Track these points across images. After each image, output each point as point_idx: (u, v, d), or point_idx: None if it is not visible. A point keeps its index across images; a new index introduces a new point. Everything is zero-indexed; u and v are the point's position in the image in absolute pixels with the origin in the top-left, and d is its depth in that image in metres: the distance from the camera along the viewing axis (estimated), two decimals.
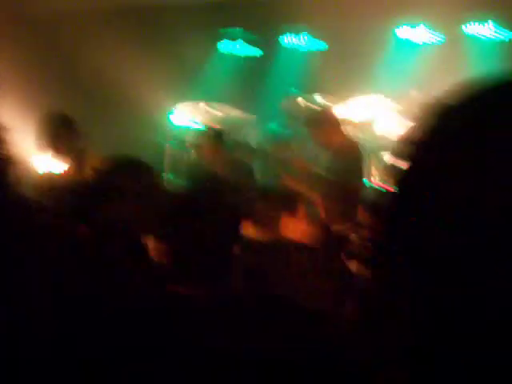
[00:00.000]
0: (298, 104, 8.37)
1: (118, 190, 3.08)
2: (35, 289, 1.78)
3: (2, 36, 8.48)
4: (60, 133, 6.09)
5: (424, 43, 9.53)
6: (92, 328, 2.10)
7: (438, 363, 0.77)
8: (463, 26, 9.17)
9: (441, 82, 7.38)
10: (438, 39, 9.39)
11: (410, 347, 0.81)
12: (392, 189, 0.82)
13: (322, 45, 10.02)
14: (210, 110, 8.11)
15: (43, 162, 6.28)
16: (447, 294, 0.75)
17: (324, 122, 6.48)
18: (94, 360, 1.98)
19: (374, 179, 7.71)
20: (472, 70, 7.60)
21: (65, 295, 2.16)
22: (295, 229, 3.91)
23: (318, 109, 7.67)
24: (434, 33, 9.42)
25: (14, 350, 1.72)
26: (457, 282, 0.75)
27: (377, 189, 7.09)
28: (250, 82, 9.89)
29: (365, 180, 7.62)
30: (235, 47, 10.39)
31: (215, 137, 7.10)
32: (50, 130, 6.11)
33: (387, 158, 7.56)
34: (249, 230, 4.26)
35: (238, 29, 10.27)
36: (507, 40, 8.84)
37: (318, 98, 8.48)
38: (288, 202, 3.98)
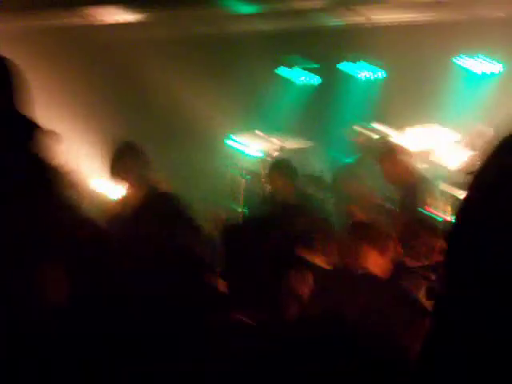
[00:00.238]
0: (363, 134, 8.35)
1: None
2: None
3: (77, 63, 8.59)
4: (127, 161, 6.04)
5: (483, 73, 9.52)
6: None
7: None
8: None
9: (502, 113, 7.40)
10: (498, 69, 9.38)
11: None
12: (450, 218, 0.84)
13: (382, 73, 10.03)
14: (284, 147, 8.16)
15: (105, 187, 6.33)
16: None
17: (395, 156, 6.46)
18: None
19: (431, 208, 7.66)
20: None
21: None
22: (379, 264, 3.94)
23: (388, 142, 7.64)
24: (492, 62, 9.42)
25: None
26: None
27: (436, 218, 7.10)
28: (310, 111, 9.94)
29: (421, 209, 7.65)
30: (295, 74, 10.43)
31: (288, 171, 7.09)
32: (119, 158, 6.07)
33: (445, 187, 7.56)
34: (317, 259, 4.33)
35: (297, 56, 10.31)
36: None
37: (381, 127, 8.46)
38: (379, 239, 3.99)
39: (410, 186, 5.98)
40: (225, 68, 9.65)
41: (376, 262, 3.90)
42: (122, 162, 6.10)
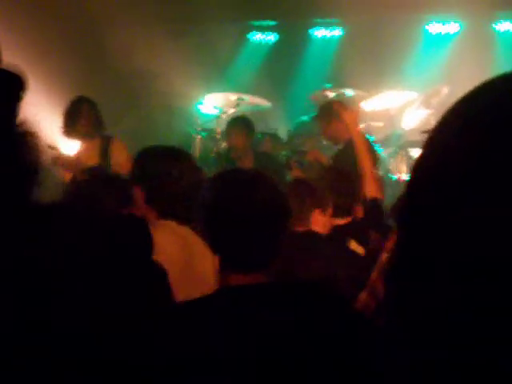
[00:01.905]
0: (327, 97, 8.33)
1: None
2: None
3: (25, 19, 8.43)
4: (83, 116, 6.08)
5: (440, 33, 9.59)
6: None
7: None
8: (495, 24, 9.20)
9: (470, 77, 7.39)
10: (455, 29, 9.48)
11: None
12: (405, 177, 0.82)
13: (339, 32, 10.08)
14: (241, 101, 8.09)
15: (70, 148, 6.31)
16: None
17: (329, 115, 6.35)
18: None
19: (401, 175, 7.67)
20: (502, 67, 7.56)
21: None
22: (321, 223, 3.95)
23: (329, 101, 7.60)
24: (450, 22, 9.51)
25: None
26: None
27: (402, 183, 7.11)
28: (281, 75, 9.94)
29: (392, 175, 7.65)
30: (266, 39, 10.42)
31: (245, 128, 7.07)
32: (73, 113, 6.11)
33: (415, 153, 7.56)
34: None
35: (269, 21, 10.29)
36: None
37: (348, 91, 8.44)
38: (321, 201, 3.99)
39: (346, 144, 5.87)
40: (193, 31, 9.64)
41: (318, 221, 3.91)
42: (78, 117, 6.16)
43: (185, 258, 3.01)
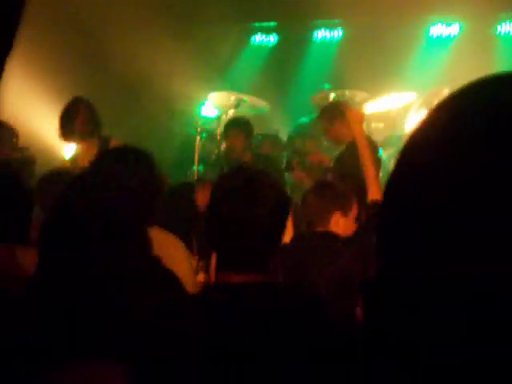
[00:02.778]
0: (327, 99, 8.33)
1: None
2: None
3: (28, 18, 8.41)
4: (79, 116, 5.97)
5: (441, 35, 9.59)
6: None
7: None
8: (496, 26, 9.20)
9: (471, 79, 7.38)
10: (455, 31, 9.48)
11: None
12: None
13: (339, 33, 10.06)
14: (241, 102, 8.09)
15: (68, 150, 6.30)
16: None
17: (333, 115, 6.34)
18: None
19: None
20: (503, 68, 7.55)
21: None
22: (342, 225, 3.95)
23: (332, 101, 7.60)
24: (450, 24, 9.52)
25: None
26: None
27: None
28: (282, 76, 9.95)
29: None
30: (268, 41, 10.43)
31: (244, 129, 7.06)
32: (69, 114, 6.00)
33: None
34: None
35: (271, 23, 10.29)
36: None
37: (349, 93, 8.43)
38: (343, 203, 3.98)
39: (349, 145, 5.86)
40: (187, 27, 9.63)
41: (339, 223, 3.91)
42: (73, 118, 6.12)
43: None
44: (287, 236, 4.04)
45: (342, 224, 3.91)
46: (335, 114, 6.14)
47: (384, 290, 0.75)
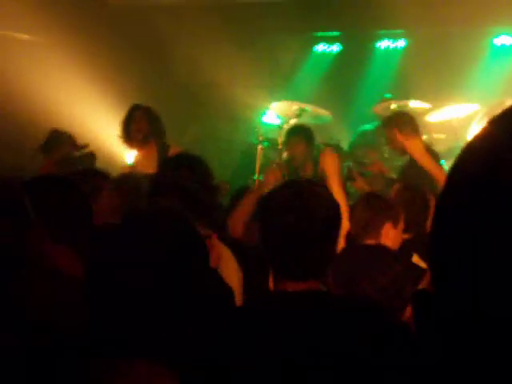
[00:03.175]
0: (389, 109, 8.29)
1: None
2: None
3: (95, 27, 8.60)
4: (135, 122, 6.16)
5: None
6: None
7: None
8: None
9: None
10: None
11: None
12: None
13: (402, 43, 10.01)
14: (303, 111, 8.09)
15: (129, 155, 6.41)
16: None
17: (398, 124, 6.30)
18: None
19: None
20: None
21: None
22: (392, 237, 3.96)
23: (396, 111, 7.55)
24: None
25: None
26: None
27: None
28: (345, 86, 9.94)
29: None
30: (329, 50, 10.43)
31: (305, 136, 7.07)
32: (126, 121, 6.22)
33: None
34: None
35: (334, 32, 10.29)
36: None
37: (412, 103, 8.38)
38: (393, 215, 4.00)
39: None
40: (249, 36, 9.70)
41: (388, 234, 3.92)
42: (129, 123, 6.26)
43: None
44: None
45: (391, 235, 3.92)
46: (400, 124, 6.12)
47: (438, 303, 0.77)
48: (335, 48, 10.35)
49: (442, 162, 7.27)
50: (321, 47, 10.37)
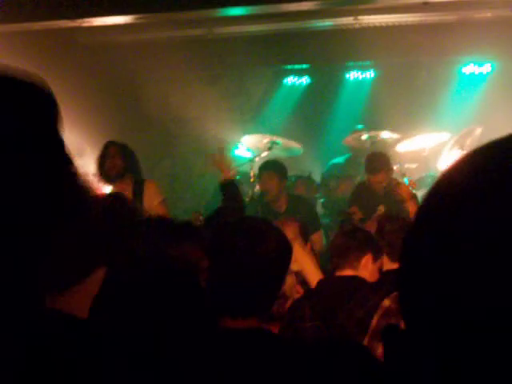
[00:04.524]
0: (360, 140, 8.35)
1: None
2: None
3: (65, 65, 8.57)
4: (109, 158, 6.17)
5: (473, 73, 9.61)
6: None
7: None
8: None
9: (503, 117, 7.39)
10: (487, 69, 9.51)
11: None
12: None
13: (371, 74, 10.12)
14: (274, 144, 8.11)
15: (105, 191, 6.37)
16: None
17: (380, 169, 6.60)
18: None
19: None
20: None
21: None
22: (371, 270, 3.96)
23: (374, 154, 7.66)
24: (482, 63, 9.56)
25: None
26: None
27: None
28: (315, 118, 9.99)
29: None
30: (300, 83, 10.49)
31: (278, 171, 7.10)
32: (100, 158, 6.22)
33: None
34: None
35: (303, 65, 10.36)
36: None
37: (382, 134, 8.44)
38: (375, 249, 3.99)
39: (395, 196, 6.09)
40: (219, 70, 9.73)
41: (368, 268, 3.92)
42: (103, 160, 6.24)
43: None
44: (314, 279, 4.05)
45: (370, 268, 3.93)
46: (381, 168, 6.41)
47: (407, 338, 0.76)
48: (305, 80, 10.42)
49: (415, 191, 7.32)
50: (290, 79, 10.44)
